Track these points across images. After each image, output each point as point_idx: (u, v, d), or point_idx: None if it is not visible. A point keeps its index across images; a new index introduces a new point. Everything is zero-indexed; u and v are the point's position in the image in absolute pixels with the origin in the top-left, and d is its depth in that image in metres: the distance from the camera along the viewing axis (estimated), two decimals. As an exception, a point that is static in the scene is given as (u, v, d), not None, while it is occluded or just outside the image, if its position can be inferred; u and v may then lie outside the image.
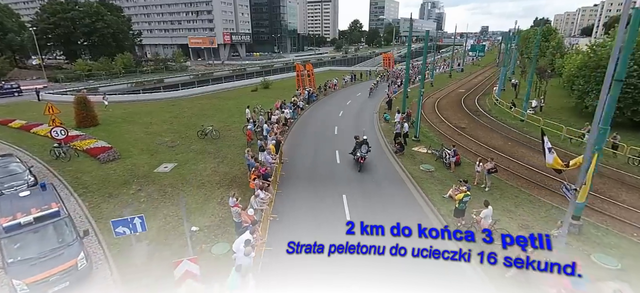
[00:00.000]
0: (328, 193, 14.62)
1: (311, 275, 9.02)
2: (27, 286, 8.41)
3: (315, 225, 12.15)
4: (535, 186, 15.74)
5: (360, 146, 16.66)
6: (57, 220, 9.78)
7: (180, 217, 12.64)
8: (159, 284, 9.31)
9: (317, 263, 9.95)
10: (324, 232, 11.67)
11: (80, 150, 19.95)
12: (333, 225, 12.04)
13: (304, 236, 11.31)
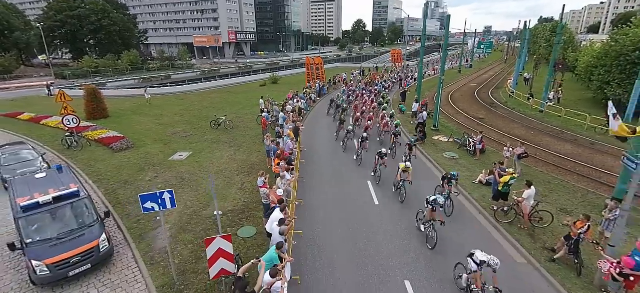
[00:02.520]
0: (353, 178, 14.11)
1: (340, 257, 8.54)
2: (47, 267, 7.89)
3: (341, 209, 11.60)
4: (567, 172, 15.08)
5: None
6: (77, 200, 9.28)
7: (200, 202, 12.18)
8: (185, 266, 8.78)
9: (347, 246, 9.49)
10: (352, 216, 11.14)
11: (92, 140, 19.53)
12: (362, 209, 11.51)
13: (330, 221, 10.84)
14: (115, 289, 8.24)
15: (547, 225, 10.19)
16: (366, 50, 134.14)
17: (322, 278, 8.30)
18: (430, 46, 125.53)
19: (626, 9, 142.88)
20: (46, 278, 7.94)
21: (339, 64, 77.97)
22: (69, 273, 8.18)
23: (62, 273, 8.08)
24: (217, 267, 7.44)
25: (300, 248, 9.41)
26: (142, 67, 63.15)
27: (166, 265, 8.83)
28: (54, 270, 7.96)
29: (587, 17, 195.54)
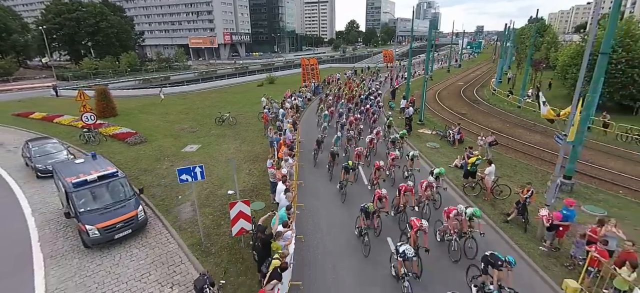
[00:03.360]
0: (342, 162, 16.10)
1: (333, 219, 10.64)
2: (98, 231, 9.77)
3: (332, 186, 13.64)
4: (532, 158, 17.30)
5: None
6: (116, 179, 11.16)
7: (214, 185, 14.10)
8: (208, 231, 10.71)
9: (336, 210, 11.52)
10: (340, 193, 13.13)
11: (107, 135, 21.28)
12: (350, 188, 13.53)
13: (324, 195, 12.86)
14: (152, 248, 10.16)
15: (506, 197, 12.31)
16: (359, 51, 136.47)
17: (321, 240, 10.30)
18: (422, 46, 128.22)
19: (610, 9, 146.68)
20: (97, 239, 9.82)
21: (333, 64, 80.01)
22: (115, 236, 10.07)
23: (110, 236, 9.97)
24: (238, 226, 9.39)
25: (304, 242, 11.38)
26: (140, 69, 64.56)
27: (192, 231, 10.76)
28: (103, 233, 9.84)
29: (575, 17, 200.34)
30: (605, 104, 26.09)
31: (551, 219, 9.13)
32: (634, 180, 14.64)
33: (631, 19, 26.75)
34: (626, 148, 19.06)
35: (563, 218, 9.03)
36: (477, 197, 12.62)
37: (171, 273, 9.09)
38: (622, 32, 25.49)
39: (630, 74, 24.61)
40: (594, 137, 21.23)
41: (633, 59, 24.65)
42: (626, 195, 13.38)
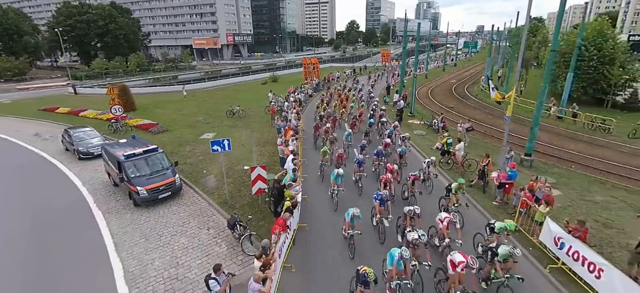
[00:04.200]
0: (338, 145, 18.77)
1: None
2: (146, 191, 12.44)
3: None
4: (488, 137, 19.93)
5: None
6: (156, 153, 13.87)
7: (231, 162, 16.73)
8: (232, 193, 13.37)
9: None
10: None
11: (132, 126, 23.97)
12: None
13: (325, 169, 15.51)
14: (188, 206, 12.84)
15: (473, 169, 14.92)
16: (359, 51, 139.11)
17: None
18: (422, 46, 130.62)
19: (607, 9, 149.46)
20: (145, 198, 12.48)
21: (333, 64, 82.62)
22: (159, 197, 12.74)
23: (155, 196, 12.64)
24: (256, 187, 12.02)
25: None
26: (148, 69, 67.32)
27: (218, 194, 13.44)
28: (150, 193, 12.51)
29: (572, 17, 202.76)
30: (580, 97, 28.74)
31: (500, 179, 11.76)
32: (586, 158, 17.28)
33: (603, 19, 29.25)
34: (590, 135, 21.68)
35: (508, 177, 11.66)
36: (450, 169, 15.27)
37: (206, 221, 11.77)
38: (596, 32, 28.10)
39: (601, 70, 27.20)
40: (565, 125, 23.87)
41: (604, 57, 27.23)
42: (576, 169, 16.02)
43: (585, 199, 12.78)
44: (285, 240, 9.12)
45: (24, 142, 22.40)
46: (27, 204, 13.45)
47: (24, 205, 13.39)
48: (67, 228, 11.58)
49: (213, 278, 6.85)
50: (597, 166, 16.39)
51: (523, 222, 10.41)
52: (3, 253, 10.28)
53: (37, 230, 11.52)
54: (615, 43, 27.32)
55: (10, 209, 13.07)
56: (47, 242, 10.77)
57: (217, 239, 10.65)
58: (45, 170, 17.38)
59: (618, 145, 19.59)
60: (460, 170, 14.93)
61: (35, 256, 10.06)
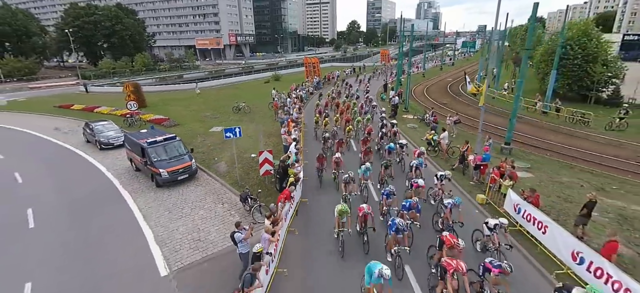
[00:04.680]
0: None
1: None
2: (167, 173, 14.24)
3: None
4: (486, 133, 21.57)
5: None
6: (175, 141, 15.69)
7: (239, 150, 18.44)
8: (241, 176, 15.15)
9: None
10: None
11: (146, 120, 25.78)
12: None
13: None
14: (203, 186, 14.64)
15: (457, 156, 16.64)
16: (360, 50, 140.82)
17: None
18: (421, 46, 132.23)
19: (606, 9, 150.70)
20: (166, 179, 14.28)
21: (334, 64, 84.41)
22: (178, 178, 14.54)
23: (174, 177, 14.44)
24: (264, 169, 13.81)
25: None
26: (154, 68, 69.25)
27: (230, 176, 15.23)
28: (170, 174, 14.31)
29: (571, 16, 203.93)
30: (566, 94, 30.42)
31: (475, 161, 13.51)
32: (562, 147, 19.00)
33: (588, 20, 30.91)
34: (570, 127, 23.38)
35: (482, 160, 13.40)
36: (436, 156, 17.03)
37: (220, 198, 13.56)
38: (581, 32, 29.77)
39: (585, 68, 28.87)
40: (549, 119, 25.58)
41: (588, 55, 28.89)
42: (551, 157, 17.74)
43: (553, 180, 14.50)
44: (289, 208, 10.90)
45: (47, 135, 24.27)
46: (62, 187, 15.29)
47: (60, 187, 15.23)
48: (101, 205, 13.39)
49: (237, 232, 8.62)
50: (571, 154, 18.09)
51: (493, 196, 12.15)
52: (54, 224, 12.11)
53: (76, 206, 13.35)
54: (598, 42, 28.96)
55: (49, 191, 14.91)
56: (87, 215, 12.59)
57: (230, 211, 12.44)
58: (72, 159, 19.22)
59: (594, 136, 21.29)
60: (444, 155, 16.69)
61: (81, 226, 11.87)
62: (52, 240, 11.07)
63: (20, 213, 12.87)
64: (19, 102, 40.23)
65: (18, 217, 12.66)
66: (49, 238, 11.20)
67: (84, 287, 8.82)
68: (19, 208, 13.32)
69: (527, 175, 14.98)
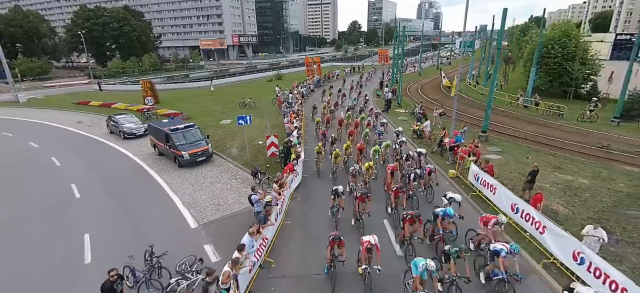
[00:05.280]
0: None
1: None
2: (188, 155, 16.74)
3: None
4: (466, 123, 23.99)
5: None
6: (193, 128, 18.22)
7: (248, 138, 20.95)
8: (251, 158, 17.64)
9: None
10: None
11: (161, 114, 28.33)
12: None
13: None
14: (219, 166, 17.14)
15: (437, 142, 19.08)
16: (361, 50, 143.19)
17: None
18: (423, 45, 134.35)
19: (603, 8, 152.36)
20: (187, 160, 16.78)
21: (335, 63, 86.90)
22: (197, 160, 17.04)
23: (194, 159, 16.94)
24: (270, 151, 16.32)
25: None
26: (161, 68, 71.92)
27: (241, 159, 17.71)
28: (191, 156, 16.81)
29: (571, 16, 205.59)
30: (548, 90, 32.77)
31: (450, 143, 15.95)
32: (534, 135, 21.41)
33: (568, 22, 33.20)
34: (546, 119, 25.77)
35: (455, 142, 15.84)
36: (421, 142, 19.48)
37: (234, 175, 16.07)
38: (561, 33, 32.11)
39: (565, 66, 31.20)
40: (529, 112, 27.97)
41: (567, 54, 31.22)
42: (522, 143, 20.14)
43: (518, 161, 16.92)
44: (293, 179, 13.36)
45: (72, 128, 26.86)
46: (96, 168, 17.84)
47: (95, 168, 17.78)
48: (133, 181, 15.93)
49: (253, 194, 11.07)
50: (540, 141, 20.48)
51: (462, 171, 14.59)
52: (96, 195, 14.65)
53: (112, 182, 15.89)
54: (577, 42, 31.30)
55: (85, 171, 17.44)
56: (123, 188, 15.13)
57: (243, 184, 14.93)
58: (100, 147, 21.78)
59: (565, 127, 23.67)
60: (426, 141, 19.15)
61: (120, 196, 14.40)
62: (98, 206, 13.58)
63: (66, 188, 15.38)
64: (38, 99, 42.86)
65: (65, 190, 15.17)
66: (95, 205, 13.71)
67: (133, 236, 11.29)
68: (63, 184, 15.84)
69: (497, 158, 17.39)
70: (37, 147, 22.26)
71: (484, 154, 17.01)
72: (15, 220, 12.70)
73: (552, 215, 11.33)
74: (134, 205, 13.54)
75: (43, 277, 9.46)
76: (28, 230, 11.92)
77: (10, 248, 10.89)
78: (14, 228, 12.18)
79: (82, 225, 12.03)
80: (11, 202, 14.29)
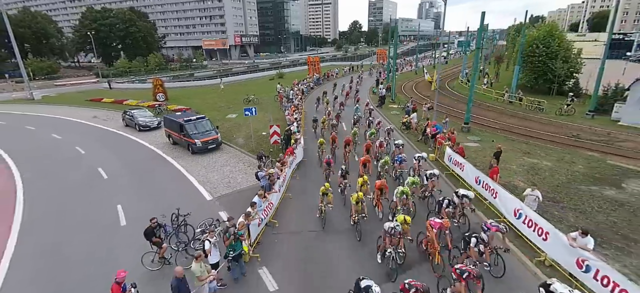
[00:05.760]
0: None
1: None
2: (201, 143, 18.95)
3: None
4: (453, 116, 26.17)
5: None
6: (204, 120, 20.42)
7: (254, 130, 23.15)
8: (257, 145, 19.80)
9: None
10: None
11: (172, 110, 30.52)
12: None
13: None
14: (227, 153, 19.34)
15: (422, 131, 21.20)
16: (361, 50, 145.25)
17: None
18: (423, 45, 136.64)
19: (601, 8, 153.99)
20: (200, 148, 18.98)
21: (335, 62, 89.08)
22: (208, 147, 19.24)
23: (205, 147, 19.15)
24: (273, 139, 18.49)
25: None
26: (166, 68, 74.22)
27: (247, 147, 19.90)
28: (203, 144, 19.02)
29: (570, 16, 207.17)
30: (533, 87, 34.84)
31: (432, 131, 18.10)
32: (513, 127, 23.51)
33: (552, 23, 35.22)
34: (528, 113, 27.87)
35: (436, 130, 17.98)
36: (409, 132, 21.64)
37: (241, 160, 18.26)
38: (546, 33, 34.16)
39: (549, 65, 33.25)
40: (513, 107, 30.09)
41: (551, 53, 33.26)
42: (500, 133, 22.23)
43: (493, 148, 18.96)
44: (293, 160, 15.51)
45: (89, 122, 29.11)
46: (118, 155, 20.08)
47: (117, 155, 20.01)
48: (153, 165, 18.14)
49: (259, 171, 13.24)
50: (517, 131, 22.56)
51: (439, 154, 16.74)
52: (122, 177, 16.87)
53: (135, 166, 18.12)
54: (560, 41, 33.36)
55: (109, 158, 19.66)
56: (145, 171, 17.34)
57: (250, 167, 17.10)
58: (118, 138, 24.01)
59: (544, 120, 25.76)
60: (413, 131, 21.30)
61: (143, 177, 16.62)
62: (125, 184, 15.79)
63: (94, 171, 17.59)
64: (51, 97, 45.20)
65: (93, 173, 17.37)
66: (122, 184, 15.91)
67: (158, 205, 13.42)
68: (91, 168, 18.05)
69: (475, 145, 19.51)
70: (61, 139, 24.49)
71: (464, 143, 19.18)
72: (60, 197, 14.90)
73: (512, 189, 13.44)
74: (156, 183, 15.75)
75: (93, 236, 11.65)
76: (71, 204, 14.13)
77: (62, 218, 13.10)
78: (60, 202, 14.39)
79: (114, 199, 14.23)
80: (51, 183, 16.49)
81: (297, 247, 10.59)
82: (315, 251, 10.38)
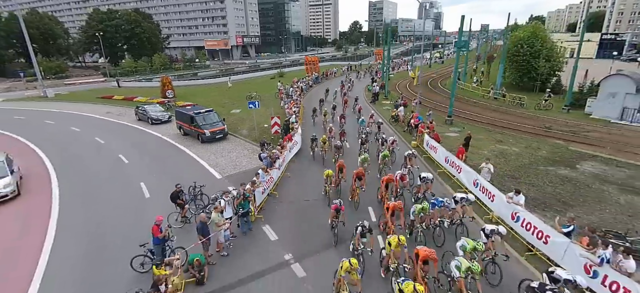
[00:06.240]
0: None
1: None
2: (210, 133, 21.24)
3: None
4: (439, 111, 28.41)
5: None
6: (212, 113, 22.73)
7: (257, 123, 25.42)
8: (259, 134, 22.07)
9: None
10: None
11: (180, 106, 32.79)
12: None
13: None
14: (233, 143, 21.65)
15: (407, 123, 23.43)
16: (361, 50, 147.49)
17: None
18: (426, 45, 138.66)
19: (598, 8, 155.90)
20: (208, 137, 21.27)
21: (334, 62, 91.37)
22: (216, 137, 21.53)
23: (213, 137, 21.45)
24: (274, 129, 20.76)
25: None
26: (171, 67, 76.61)
27: (250, 137, 22.19)
28: (211, 134, 21.32)
29: (568, 16, 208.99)
30: (518, 84, 37.06)
31: (415, 122, 20.35)
32: (492, 120, 25.75)
33: (536, 23, 37.44)
34: (509, 108, 30.12)
35: (418, 120, 20.24)
36: (397, 124, 23.91)
37: (246, 147, 20.56)
38: (530, 33, 36.37)
39: (532, 63, 35.47)
40: (497, 103, 32.31)
41: (534, 52, 35.46)
42: (480, 125, 24.47)
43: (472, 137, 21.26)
44: (292, 146, 17.78)
45: (103, 117, 31.42)
46: (135, 144, 22.37)
47: (134, 144, 22.30)
48: (167, 152, 20.44)
49: (262, 153, 15.51)
50: (496, 124, 24.81)
51: (420, 141, 19.01)
52: (142, 162, 19.17)
53: (152, 153, 20.42)
54: (543, 41, 35.57)
55: (127, 146, 21.95)
56: (161, 157, 19.64)
57: (254, 153, 19.36)
58: (132, 130, 26.31)
59: (524, 114, 27.99)
60: (401, 123, 23.58)
61: (160, 162, 18.91)
62: (145, 167, 18.08)
63: (116, 158, 19.85)
64: (63, 94, 47.55)
65: (115, 160, 19.60)
66: (142, 167, 18.20)
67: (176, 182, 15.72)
68: (112, 156, 20.31)
69: (455, 135, 21.75)
70: (79, 131, 26.78)
71: (446, 133, 21.53)
72: (88, 177, 17.18)
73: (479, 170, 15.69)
74: (172, 166, 18.06)
75: (123, 205, 13.95)
76: (100, 182, 16.43)
77: (95, 192, 15.41)
78: (89, 181, 16.68)
79: (137, 178, 16.52)
80: (79, 167, 18.77)
81: (293, 211, 12.88)
82: (308, 214, 12.66)
